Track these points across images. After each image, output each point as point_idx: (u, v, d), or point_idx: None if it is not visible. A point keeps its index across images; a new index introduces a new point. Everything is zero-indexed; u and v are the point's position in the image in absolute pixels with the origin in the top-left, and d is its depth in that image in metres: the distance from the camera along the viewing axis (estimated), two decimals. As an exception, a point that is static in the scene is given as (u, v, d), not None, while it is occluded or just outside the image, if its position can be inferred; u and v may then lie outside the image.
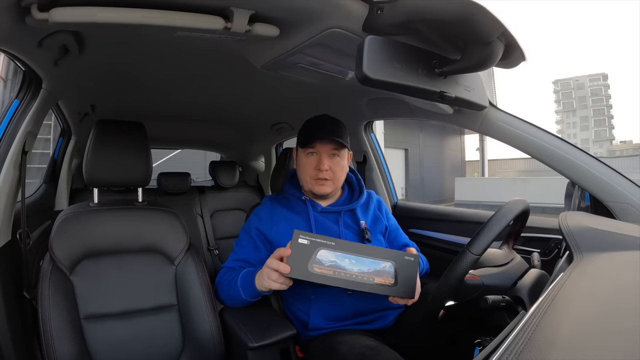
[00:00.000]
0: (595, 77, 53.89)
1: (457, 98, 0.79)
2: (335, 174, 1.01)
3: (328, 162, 0.99)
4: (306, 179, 1.02)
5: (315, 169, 0.99)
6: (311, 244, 0.75)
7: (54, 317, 0.82)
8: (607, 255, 0.61)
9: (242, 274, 0.92)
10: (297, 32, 0.80)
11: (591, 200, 0.92)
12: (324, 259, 0.75)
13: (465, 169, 16.40)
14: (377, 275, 0.77)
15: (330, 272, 0.75)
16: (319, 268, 0.75)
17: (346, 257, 0.76)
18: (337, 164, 1.01)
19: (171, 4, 0.69)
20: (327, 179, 1.00)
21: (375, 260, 0.77)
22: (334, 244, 0.76)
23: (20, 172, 0.92)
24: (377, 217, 1.09)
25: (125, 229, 0.98)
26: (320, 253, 0.75)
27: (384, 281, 0.78)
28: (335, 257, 0.75)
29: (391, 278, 0.78)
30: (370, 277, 0.77)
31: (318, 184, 1.00)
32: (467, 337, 0.78)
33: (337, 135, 0.99)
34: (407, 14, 0.66)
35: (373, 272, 0.77)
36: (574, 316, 0.42)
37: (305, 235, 0.76)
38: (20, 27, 0.68)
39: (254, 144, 2.32)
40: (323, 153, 0.99)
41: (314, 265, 0.75)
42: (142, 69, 1.13)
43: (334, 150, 1.00)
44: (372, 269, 0.77)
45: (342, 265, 0.76)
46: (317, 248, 0.75)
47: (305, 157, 1.01)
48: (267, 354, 0.85)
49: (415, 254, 0.82)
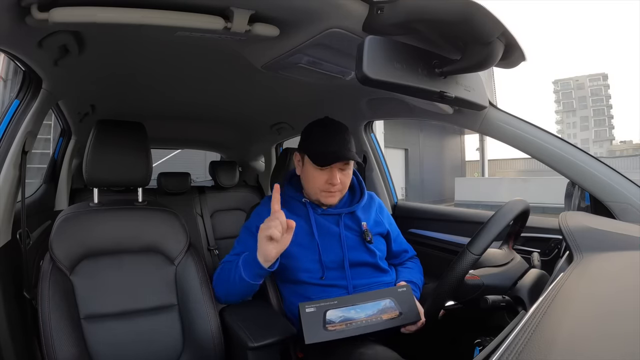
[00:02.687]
0: (595, 77, 53.89)
1: (457, 98, 0.78)
2: (344, 184, 1.01)
3: (339, 176, 0.99)
4: (315, 190, 1.01)
5: (326, 183, 0.99)
6: (318, 309, 0.82)
7: (54, 317, 0.81)
8: (607, 255, 0.61)
9: (244, 255, 0.93)
10: (297, 32, 0.80)
11: (591, 200, 0.92)
12: (333, 317, 0.82)
13: (465, 169, 16.40)
14: (383, 313, 0.85)
15: (343, 326, 0.81)
16: (332, 327, 0.81)
17: (351, 309, 0.84)
18: (347, 175, 1.01)
19: (171, 4, 0.69)
20: (337, 191, 1.00)
21: (376, 302, 0.86)
22: (337, 302, 0.84)
23: (20, 172, 0.92)
24: (379, 220, 1.09)
25: (125, 229, 0.98)
26: (329, 314, 0.82)
27: (391, 315, 0.85)
28: (342, 312, 0.83)
29: (395, 311, 0.86)
30: (378, 317, 0.84)
31: (328, 197, 1.00)
32: (467, 337, 0.78)
33: (351, 150, 0.99)
34: (407, 14, 0.66)
35: (378, 312, 0.85)
36: (573, 316, 0.42)
37: (311, 305, 0.83)
38: (20, 27, 0.68)
39: (254, 144, 2.32)
40: (335, 167, 0.98)
41: (327, 326, 0.81)
42: (142, 69, 1.13)
43: (345, 164, 1.00)
44: (376, 310, 0.85)
45: (351, 317, 0.83)
46: (323, 310, 0.82)
47: (315, 170, 0.99)
48: (267, 354, 0.85)
49: (406, 285, 0.92)
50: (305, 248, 0.99)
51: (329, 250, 0.99)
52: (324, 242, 1.00)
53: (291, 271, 0.99)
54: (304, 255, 0.98)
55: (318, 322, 0.81)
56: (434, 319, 0.84)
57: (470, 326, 0.88)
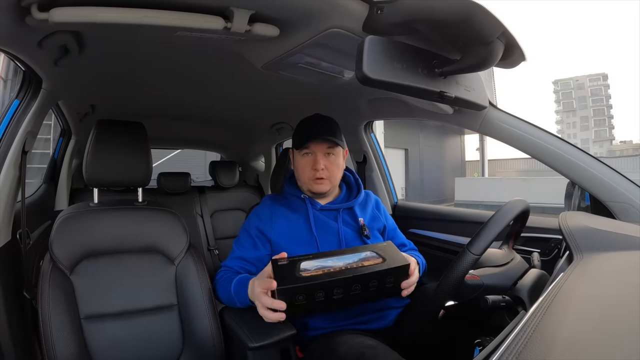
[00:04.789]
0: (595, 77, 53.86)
1: (457, 98, 0.78)
2: (332, 172, 1.03)
3: (323, 161, 1.01)
4: (304, 179, 1.04)
5: (311, 169, 1.01)
6: (290, 262, 0.76)
7: (54, 317, 0.82)
8: (607, 255, 0.61)
9: (235, 281, 0.92)
10: (297, 32, 0.80)
11: (591, 200, 0.92)
12: (308, 266, 0.76)
13: (465, 169, 16.39)
14: (363, 261, 0.79)
15: (319, 272, 0.75)
16: (307, 273, 0.75)
17: (328, 260, 0.77)
18: (333, 162, 1.03)
19: (171, 4, 0.69)
20: (324, 178, 1.02)
21: (356, 254, 0.80)
22: (312, 255, 0.78)
23: (20, 172, 0.92)
24: (376, 216, 1.10)
25: (125, 229, 0.98)
26: (303, 264, 0.76)
27: (373, 262, 0.79)
28: (317, 262, 0.77)
29: (377, 258, 0.80)
30: (358, 264, 0.78)
31: (316, 183, 1.02)
32: (467, 337, 0.78)
33: (330, 134, 1.00)
34: (407, 14, 0.66)
35: (359, 260, 0.79)
36: (573, 316, 0.42)
37: (284, 259, 0.77)
38: (20, 27, 0.68)
39: (254, 144, 2.32)
40: (318, 153, 1.01)
41: (302, 273, 0.75)
42: (142, 68, 1.13)
43: (329, 149, 1.02)
44: (356, 259, 0.79)
45: (328, 265, 0.76)
46: (297, 262, 0.76)
47: (301, 158, 1.03)
48: (267, 354, 0.85)
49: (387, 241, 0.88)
50: (304, 244, 0.99)
51: (327, 245, 1.00)
52: (322, 237, 1.00)
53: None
54: (302, 251, 0.98)
55: (292, 270, 0.75)
56: (434, 319, 0.84)
57: (470, 326, 0.88)
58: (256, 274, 1.02)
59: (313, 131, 1.01)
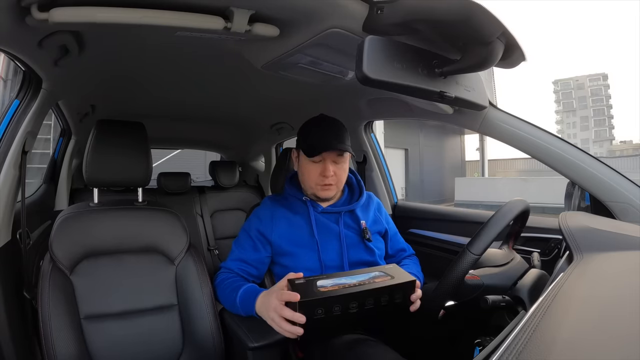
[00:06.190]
0: (595, 77, 53.86)
1: (457, 98, 0.78)
2: (339, 177, 1.02)
3: (333, 168, 0.99)
4: (310, 184, 1.02)
5: (320, 175, 0.99)
6: (307, 281, 0.80)
7: (54, 317, 0.82)
8: (607, 255, 0.61)
9: (242, 291, 0.90)
10: (297, 32, 0.80)
11: (591, 200, 0.92)
12: (325, 284, 0.80)
13: (465, 169, 16.39)
14: (374, 279, 0.83)
15: (336, 287, 0.79)
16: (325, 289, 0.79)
17: (342, 278, 0.82)
18: (341, 168, 1.02)
19: (171, 4, 0.69)
20: (332, 184, 1.01)
21: (366, 274, 0.85)
22: (326, 275, 0.83)
23: (20, 172, 0.92)
24: (377, 219, 1.09)
25: (125, 229, 0.98)
26: (320, 282, 0.80)
27: (383, 280, 0.83)
28: (333, 280, 0.81)
29: (386, 277, 0.84)
30: (370, 282, 0.82)
31: (323, 190, 1.01)
32: (467, 337, 0.78)
33: (343, 142, 0.99)
34: (407, 14, 0.66)
35: (370, 279, 0.83)
36: (573, 316, 0.42)
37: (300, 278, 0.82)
38: (20, 27, 0.68)
39: (254, 144, 2.32)
40: (328, 159, 0.99)
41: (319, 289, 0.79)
42: (142, 68, 1.13)
43: (338, 157, 1.00)
44: (368, 277, 0.83)
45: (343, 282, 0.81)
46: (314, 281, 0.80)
47: (309, 163, 1.01)
48: (267, 354, 0.85)
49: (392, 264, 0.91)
50: (305, 247, 0.99)
51: (328, 248, 0.99)
52: (324, 240, 1.00)
53: (291, 270, 0.98)
54: (303, 254, 0.98)
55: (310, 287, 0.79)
56: (434, 319, 0.84)
57: (470, 326, 0.88)
58: (256, 276, 1.02)
59: (326, 139, 0.98)
